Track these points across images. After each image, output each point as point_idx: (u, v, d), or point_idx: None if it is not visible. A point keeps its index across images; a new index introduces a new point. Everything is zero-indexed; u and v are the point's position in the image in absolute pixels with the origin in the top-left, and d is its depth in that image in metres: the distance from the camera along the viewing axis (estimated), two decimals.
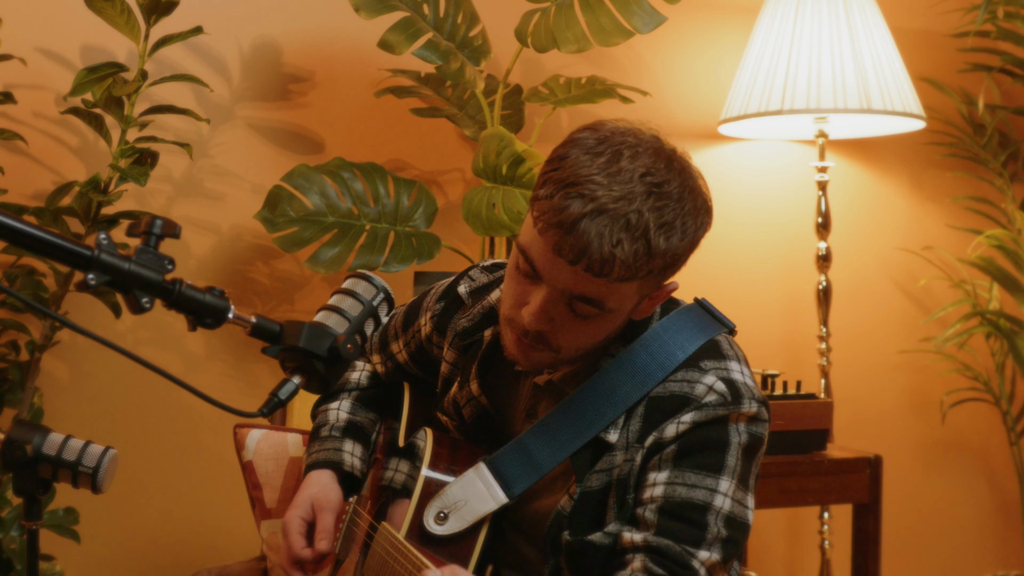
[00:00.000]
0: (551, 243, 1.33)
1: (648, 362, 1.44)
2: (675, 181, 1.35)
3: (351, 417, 1.76)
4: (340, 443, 1.72)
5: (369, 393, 1.81)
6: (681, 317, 1.49)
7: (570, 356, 1.45)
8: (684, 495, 1.39)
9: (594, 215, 1.30)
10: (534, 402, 1.55)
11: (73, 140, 2.57)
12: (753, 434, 1.43)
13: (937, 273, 3.28)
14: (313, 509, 1.65)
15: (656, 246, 1.32)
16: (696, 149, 3.07)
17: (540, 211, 1.34)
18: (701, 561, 1.37)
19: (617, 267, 1.32)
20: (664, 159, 1.36)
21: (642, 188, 1.32)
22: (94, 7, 2.29)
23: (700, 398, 1.41)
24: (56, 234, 1.15)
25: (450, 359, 1.64)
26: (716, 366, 1.44)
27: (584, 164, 1.33)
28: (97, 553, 2.59)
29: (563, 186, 1.32)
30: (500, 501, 1.45)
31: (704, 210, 1.39)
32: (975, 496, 3.38)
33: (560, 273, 1.35)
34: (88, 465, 1.37)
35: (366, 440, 1.75)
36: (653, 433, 1.41)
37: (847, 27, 2.74)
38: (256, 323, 1.25)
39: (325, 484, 1.68)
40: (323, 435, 1.74)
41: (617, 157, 1.34)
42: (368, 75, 2.72)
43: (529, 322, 1.40)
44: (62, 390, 2.58)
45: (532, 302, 1.39)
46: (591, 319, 1.39)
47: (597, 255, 1.31)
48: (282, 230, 2.46)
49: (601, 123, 1.41)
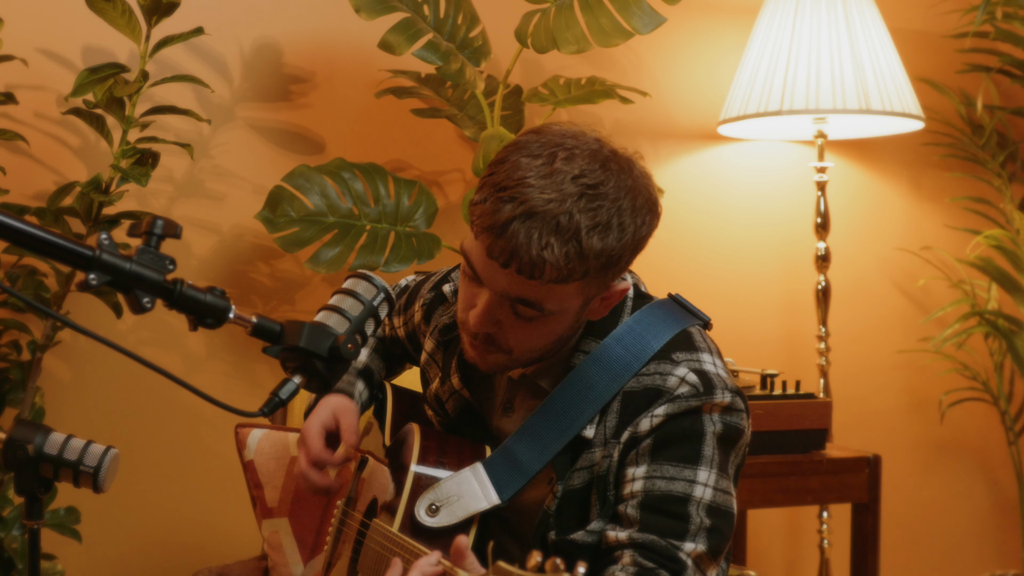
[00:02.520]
0: (485, 246, 1.35)
1: (623, 355, 1.45)
2: (611, 182, 1.35)
3: (368, 363, 1.79)
4: (355, 380, 1.75)
5: (385, 345, 1.84)
6: (654, 310, 1.50)
7: (525, 358, 1.47)
8: (663, 488, 1.40)
9: (524, 218, 1.32)
10: (510, 396, 1.56)
11: (74, 140, 2.58)
12: (728, 424, 1.44)
13: (936, 273, 3.28)
14: (335, 415, 1.66)
15: (589, 247, 1.33)
16: (695, 149, 3.07)
17: (475, 215, 1.36)
18: (687, 553, 1.37)
19: (548, 269, 1.33)
20: (600, 160, 1.37)
21: (574, 189, 1.33)
22: (95, 8, 2.30)
23: (672, 390, 1.42)
24: (58, 234, 1.15)
25: (428, 349, 1.66)
26: (688, 358, 1.45)
27: (519, 167, 1.35)
28: (98, 552, 2.60)
29: (496, 190, 1.35)
30: (492, 502, 1.46)
31: (646, 209, 1.39)
32: (973, 495, 3.38)
33: (496, 276, 1.37)
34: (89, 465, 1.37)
35: (372, 389, 1.78)
36: (628, 428, 1.43)
37: (846, 28, 2.75)
38: (257, 323, 1.26)
39: (342, 398, 1.69)
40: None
41: (552, 159, 1.35)
42: (368, 76, 2.73)
43: (474, 324, 1.42)
44: (63, 390, 2.58)
45: (478, 305, 1.41)
46: (535, 321, 1.40)
47: (527, 257, 1.32)
48: (283, 230, 2.47)
49: (547, 126, 1.42)
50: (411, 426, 1.61)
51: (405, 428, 1.64)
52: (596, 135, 1.41)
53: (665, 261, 3.00)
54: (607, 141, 1.41)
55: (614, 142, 1.43)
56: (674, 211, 3.00)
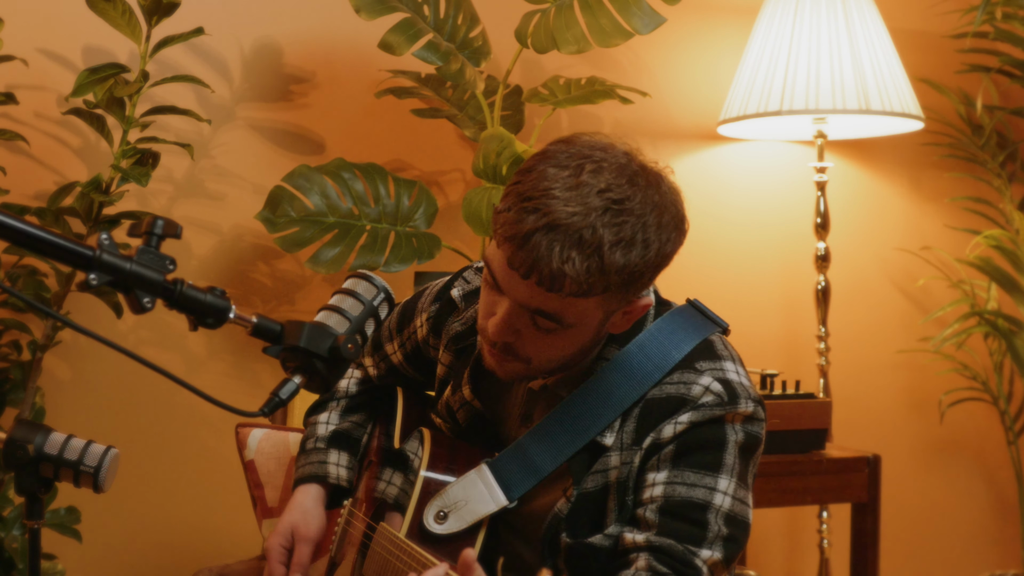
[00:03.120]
0: (506, 256, 1.34)
1: (644, 363, 1.45)
2: (637, 197, 1.34)
3: (336, 428, 1.77)
4: (325, 455, 1.73)
5: (357, 400, 1.82)
6: (674, 318, 1.49)
7: (543, 368, 1.45)
8: (684, 494, 1.39)
9: (547, 230, 1.31)
10: (529, 407, 1.55)
11: (75, 141, 2.58)
12: (750, 433, 1.44)
13: (935, 273, 3.28)
14: (292, 537, 1.69)
15: (611, 262, 1.32)
16: (695, 150, 3.08)
17: (498, 224, 1.35)
18: (704, 560, 1.38)
19: (568, 283, 1.32)
20: (628, 175, 1.35)
21: (599, 203, 1.32)
22: (96, 8, 2.30)
23: (697, 399, 1.42)
24: (58, 234, 1.15)
25: (445, 362, 1.65)
26: (712, 367, 1.45)
27: (545, 178, 1.33)
28: (99, 552, 2.60)
29: (521, 200, 1.33)
30: (500, 503, 1.46)
31: (672, 226, 1.37)
32: (973, 495, 3.38)
33: (516, 286, 1.36)
34: (90, 464, 1.37)
35: (353, 446, 1.76)
36: (651, 434, 1.42)
37: (846, 28, 2.75)
38: (257, 323, 1.26)
39: (308, 510, 1.70)
40: (308, 448, 1.77)
41: (579, 172, 1.33)
42: (369, 76, 2.73)
43: (493, 333, 1.41)
44: (64, 390, 2.58)
45: (497, 313, 1.40)
46: (554, 333, 1.39)
47: (547, 270, 1.31)
48: (283, 230, 2.47)
49: (577, 136, 1.40)
50: (422, 430, 1.61)
51: (415, 433, 1.64)
52: (626, 148, 1.39)
53: None
54: (636, 154, 1.39)
55: (644, 156, 1.41)
56: None
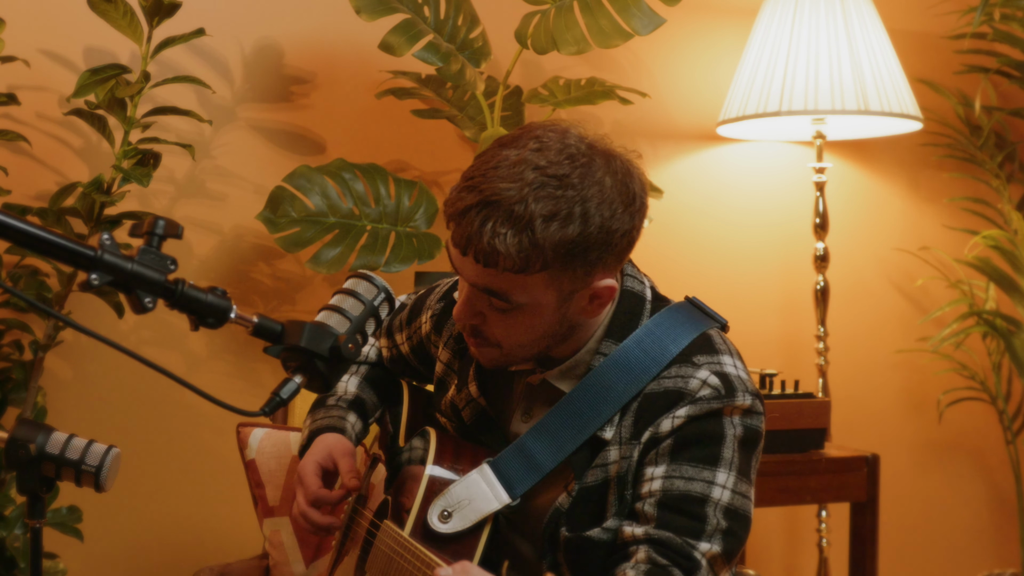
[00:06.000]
0: (450, 235, 1.39)
1: (642, 358, 1.45)
2: (576, 172, 1.35)
3: (358, 393, 1.77)
4: (345, 413, 1.74)
5: (376, 372, 1.82)
6: (672, 313, 1.50)
7: (516, 353, 1.47)
8: (682, 488, 1.40)
9: (481, 207, 1.34)
10: (529, 403, 1.56)
11: (76, 141, 2.59)
12: (748, 427, 1.45)
13: (934, 273, 3.29)
14: (332, 455, 1.65)
15: (544, 237, 1.33)
16: (694, 150, 3.08)
17: (445, 204, 1.40)
18: (702, 553, 1.38)
19: (502, 259, 1.34)
20: (570, 153, 1.36)
21: (534, 178, 1.34)
22: (97, 9, 2.31)
23: (694, 392, 1.42)
24: (59, 234, 1.16)
25: (444, 359, 1.66)
26: (709, 360, 1.45)
27: (492, 159, 1.37)
28: (100, 551, 2.61)
29: (464, 180, 1.38)
30: (503, 501, 1.46)
31: (619, 202, 1.38)
32: (971, 494, 3.39)
33: (463, 265, 1.40)
34: (91, 464, 1.38)
35: (365, 419, 1.77)
36: (649, 429, 1.43)
37: (844, 29, 2.76)
38: (258, 323, 1.26)
39: (338, 438, 1.68)
40: (329, 403, 1.76)
41: (522, 151, 1.37)
42: (369, 77, 2.74)
43: (457, 315, 1.45)
44: (65, 389, 2.59)
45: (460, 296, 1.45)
46: (511, 313, 1.41)
47: (480, 246, 1.34)
48: (284, 230, 2.48)
49: (539, 122, 1.43)
50: (427, 429, 1.61)
51: (421, 431, 1.65)
52: (580, 131, 1.41)
53: (664, 261, 3.01)
54: (591, 137, 1.41)
55: (607, 141, 1.42)
56: (673, 212, 3.01)
